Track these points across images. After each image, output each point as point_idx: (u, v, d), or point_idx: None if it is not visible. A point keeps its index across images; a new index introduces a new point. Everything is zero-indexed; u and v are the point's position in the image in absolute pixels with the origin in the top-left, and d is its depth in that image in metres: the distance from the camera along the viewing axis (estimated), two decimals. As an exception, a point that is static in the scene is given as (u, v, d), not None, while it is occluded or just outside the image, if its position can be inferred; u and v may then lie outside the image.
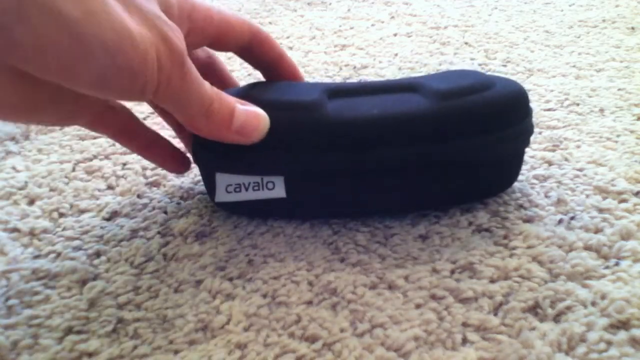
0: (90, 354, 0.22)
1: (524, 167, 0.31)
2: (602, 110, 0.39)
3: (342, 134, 0.25)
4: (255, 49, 0.28)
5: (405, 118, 0.25)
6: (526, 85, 0.42)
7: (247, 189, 0.26)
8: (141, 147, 0.29)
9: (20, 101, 0.20)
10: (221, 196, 0.26)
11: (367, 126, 0.25)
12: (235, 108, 0.24)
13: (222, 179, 0.26)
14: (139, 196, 0.31)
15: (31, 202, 0.31)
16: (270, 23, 0.59)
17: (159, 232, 0.28)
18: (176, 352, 0.22)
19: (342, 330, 0.22)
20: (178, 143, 0.32)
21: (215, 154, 0.26)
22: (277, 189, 0.26)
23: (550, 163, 0.33)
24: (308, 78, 0.45)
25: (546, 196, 0.30)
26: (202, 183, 0.32)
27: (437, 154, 0.25)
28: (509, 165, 0.29)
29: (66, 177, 0.33)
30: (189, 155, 0.31)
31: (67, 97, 0.22)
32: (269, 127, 0.24)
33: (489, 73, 0.44)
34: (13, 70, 0.18)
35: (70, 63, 0.18)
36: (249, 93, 0.26)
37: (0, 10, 0.16)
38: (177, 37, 0.21)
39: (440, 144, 0.25)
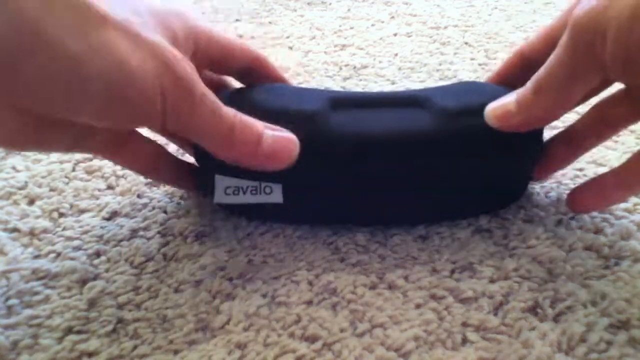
0: (90, 354, 0.22)
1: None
2: (602, 110, 0.39)
3: (343, 149, 0.25)
4: (254, 72, 0.28)
5: (406, 136, 0.25)
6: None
7: (245, 192, 0.26)
8: (168, 179, 0.29)
9: (25, 136, 0.21)
10: (220, 197, 0.26)
11: (368, 143, 0.25)
12: (262, 134, 0.23)
13: (221, 181, 0.26)
14: (139, 196, 0.31)
15: (31, 202, 0.31)
16: (270, 23, 0.58)
17: (159, 232, 0.28)
18: (176, 352, 0.22)
19: (342, 330, 0.22)
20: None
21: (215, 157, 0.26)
22: (274, 194, 0.26)
23: (550, 163, 0.32)
24: (308, 78, 0.45)
25: (546, 196, 0.30)
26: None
27: (436, 175, 0.25)
28: (511, 185, 0.28)
29: (66, 177, 0.33)
30: None
31: (71, 130, 0.22)
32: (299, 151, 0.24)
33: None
34: (16, 107, 0.19)
35: (71, 97, 0.18)
36: (249, 98, 0.26)
37: (8, 47, 0.17)
38: (184, 66, 0.21)
39: (440, 165, 0.25)
